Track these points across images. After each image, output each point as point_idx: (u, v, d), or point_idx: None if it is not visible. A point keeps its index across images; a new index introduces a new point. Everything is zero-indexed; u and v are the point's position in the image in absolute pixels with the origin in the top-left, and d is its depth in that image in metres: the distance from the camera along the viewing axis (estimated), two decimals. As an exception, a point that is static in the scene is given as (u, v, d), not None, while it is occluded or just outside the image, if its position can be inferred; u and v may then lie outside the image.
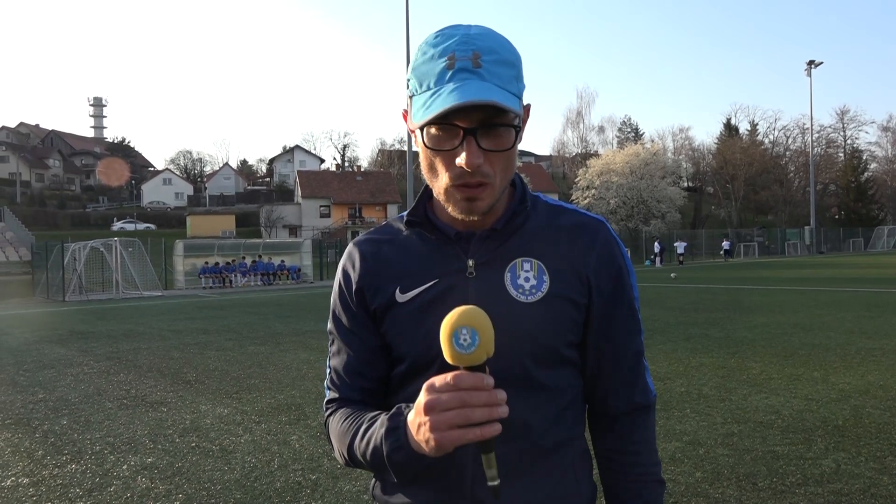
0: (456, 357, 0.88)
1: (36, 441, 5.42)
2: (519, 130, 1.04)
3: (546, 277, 1.11)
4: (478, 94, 0.96)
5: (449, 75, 0.99)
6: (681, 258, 42.62)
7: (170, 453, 4.96)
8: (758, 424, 5.13)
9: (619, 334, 1.18)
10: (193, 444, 5.17)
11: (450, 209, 1.08)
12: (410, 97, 1.06)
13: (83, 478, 4.49)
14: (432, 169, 1.06)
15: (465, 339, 0.87)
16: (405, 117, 1.14)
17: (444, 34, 1.03)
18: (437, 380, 0.90)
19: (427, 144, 1.03)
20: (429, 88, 1.01)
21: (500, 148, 1.02)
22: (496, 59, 1.01)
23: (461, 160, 1.00)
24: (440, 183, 1.06)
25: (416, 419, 0.93)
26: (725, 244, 48.80)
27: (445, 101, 0.96)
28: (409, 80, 1.06)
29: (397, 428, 0.99)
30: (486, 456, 0.90)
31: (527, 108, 1.12)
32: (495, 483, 0.91)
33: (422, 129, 1.02)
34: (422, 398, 0.91)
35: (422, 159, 1.08)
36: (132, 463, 4.76)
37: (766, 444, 4.67)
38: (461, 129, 0.99)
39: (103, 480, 4.43)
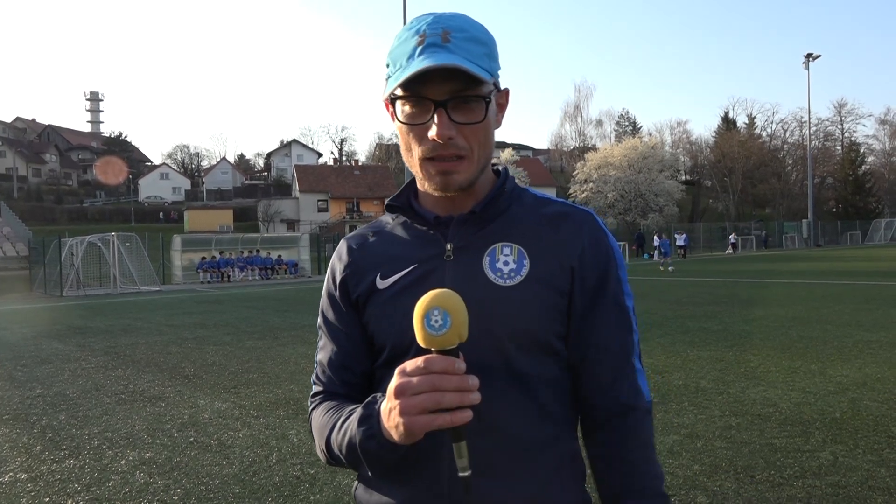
0: (427, 339, 0.87)
1: (34, 436, 5.41)
2: (489, 102, 1.04)
3: (526, 262, 1.09)
4: (442, 61, 0.97)
5: (419, 50, 1.01)
6: (681, 251, 42.53)
7: (168, 448, 4.96)
8: (755, 417, 5.14)
9: (603, 328, 1.12)
10: (192, 439, 5.16)
11: (426, 186, 1.09)
12: (386, 80, 1.07)
13: (81, 473, 4.49)
14: (408, 147, 1.07)
15: (436, 321, 0.87)
16: (388, 106, 1.14)
17: (418, 18, 1.06)
18: (409, 363, 0.89)
19: (400, 119, 1.04)
20: (400, 66, 1.03)
21: (472, 120, 1.03)
22: (466, 37, 1.03)
23: (432, 132, 1.01)
24: (415, 158, 1.06)
25: (388, 404, 0.92)
26: (733, 237, 49.14)
27: (410, 69, 0.99)
28: (386, 66, 1.08)
29: (370, 416, 0.97)
30: (456, 445, 0.89)
31: (505, 93, 1.13)
32: (466, 474, 0.89)
33: (394, 104, 1.04)
34: (393, 382, 0.90)
35: (400, 139, 1.09)
36: (130, 458, 4.76)
37: (764, 436, 4.68)
38: (431, 103, 1.01)
39: (101, 475, 4.42)
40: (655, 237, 42.55)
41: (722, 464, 4.18)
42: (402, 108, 1.04)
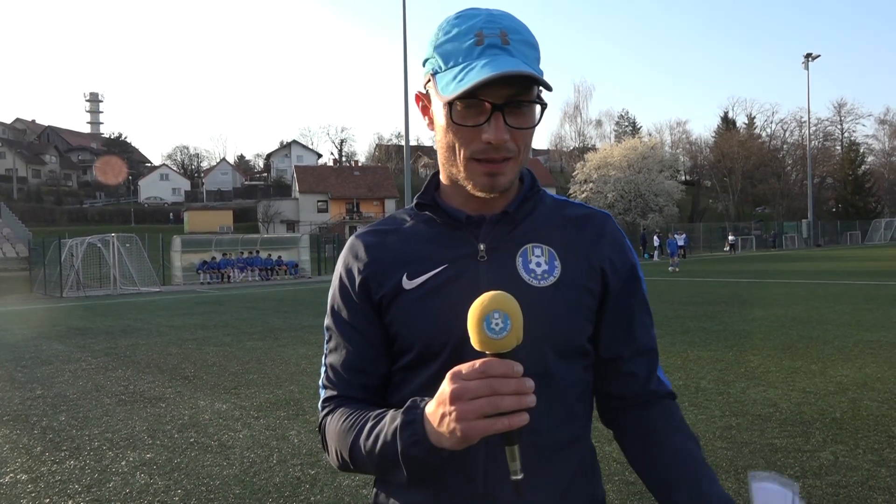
0: (486, 343, 0.85)
1: (34, 437, 5.41)
2: (545, 107, 1.04)
3: (557, 263, 1.10)
4: (514, 66, 0.96)
5: (479, 51, 1.00)
6: (681, 251, 42.47)
7: (168, 449, 4.96)
8: (756, 417, 5.14)
9: (638, 327, 1.17)
10: (192, 440, 5.16)
11: (469, 186, 1.07)
12: (433, 74, 1.05)
13: (82, 474, 4.49)
14: (452, 146, 1.05)
15: (497, 324, 0.85)
16: (418, 100, 1.13)
17: (467, 14, 1.04)
18: (464, 367, 0.87)
19: (454, 120, 1.02)
20: (457, 64, 1.01)
21: (526, 125, 1.03)
22: (522, 39, 1.02)
23: (488, 136, 1.00)
24: (461, 158, 1.05)
25: (439, 409, 0.89)
26: (731, 238, 48.96)
27: (480, 73, 0.97)
28: (428, 60, 1.06)
29: (414, 421, 0.94)
30: (510, 448, 0.87)
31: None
32: (518, 477, 0.87)
33: (449, 105, 1.02)
34: (447, 386, 0.88)
35: (440, 137, 1.07)
36: (131, 459, 4.76)
37: (765, 436, 4.68)
38: (489, 105, 1.00)
39: (102, 476, 4.42)
40: (656, 237, 42.60)
41: (722, 464, 4.19)
42: (455, 108, 1.02)
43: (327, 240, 41.87)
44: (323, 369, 1.20)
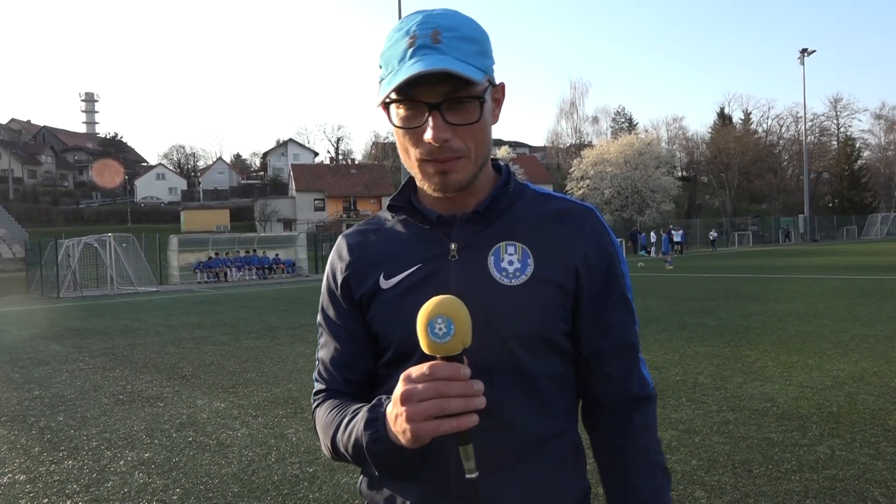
0: (432, 346, 0.88)
1: (32, 438, 5.41)
2: (484, 102, 1.03)
3: (531, 261, 1.09)
4: (434, 65, 0.97)
5: (409, 53, 1.00)
6: (678, 247, 42.49)
7: (167, 448, 4.96)
8: (753, 412, 5.16)
9: (612, 323, 1.15)
10: (190, 439, 5.17)
11: (426, 187, 1.08)
12: (380, 82, 1.07)
13: (80, 474, 4.49)
14: (405, 149, 1.07)
15: (440, 329, 0.87)
16: (383, 108, 1.14)
17: (407, 18, 1.05)
18: (414, 370, 0.90)
19: (395, 123, 1.04)
20: (390, 69, 1.02)
21: (467, 121, 1.02)
22: (456, 36, 1.02)
23: (428, 136, 1.01)
24: (412, 160, 1.06)
25: (394, 410, 0.92)
26: (713, 234, 48.84)
27: (402, 73, 0.98)
28: (379, 67, 1.08)
29: (377, 419, 0.98)
30: (463, 448, 0.90)
31: (501, 87, 1.13)
32: (473, 476, 0.90)
33: (388, 108, 1.05)
34: (398, 388, 0.91)
35: (397, 142, 1.09)
36: (129, 458, 4.76)
37: (762, 431, 4.69)
38: (425, 106, 1.00)
39: (100, 476, 4.42)
40: (653, 234, 42.59)
41: (720, 458, 4.20)
42: (397, 112, 1.04)
43: (324, 238, 41.80)
44: (316, 363, 1.24)
